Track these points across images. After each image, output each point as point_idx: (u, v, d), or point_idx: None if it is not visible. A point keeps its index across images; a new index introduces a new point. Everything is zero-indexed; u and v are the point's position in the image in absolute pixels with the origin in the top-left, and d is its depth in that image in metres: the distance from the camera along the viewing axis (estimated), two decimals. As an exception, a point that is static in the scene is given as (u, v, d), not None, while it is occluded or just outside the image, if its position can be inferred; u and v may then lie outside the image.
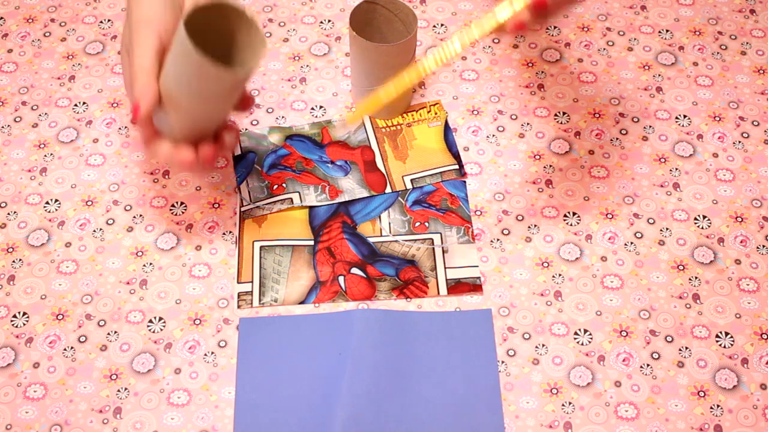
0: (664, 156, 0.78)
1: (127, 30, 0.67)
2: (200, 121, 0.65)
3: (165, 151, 0.66)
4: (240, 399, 0.66)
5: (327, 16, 0.88)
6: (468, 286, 0.71)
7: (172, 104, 0.63)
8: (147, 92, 0.62)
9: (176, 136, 0.65)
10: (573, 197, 0.76)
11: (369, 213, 0.75)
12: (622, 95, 0.82)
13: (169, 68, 0.62)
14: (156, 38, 0.64)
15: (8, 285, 0.71)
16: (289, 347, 0.69)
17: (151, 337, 0.69)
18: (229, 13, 0.63)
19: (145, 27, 0.64)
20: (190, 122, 0.64)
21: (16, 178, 0.77)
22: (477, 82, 0.83)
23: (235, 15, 0.63)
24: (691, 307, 0.71)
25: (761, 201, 0.76)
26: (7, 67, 0.84)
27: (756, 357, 0.68)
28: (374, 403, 0.65)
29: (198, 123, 0.65)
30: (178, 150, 0.65)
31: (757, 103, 0.82)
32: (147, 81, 0.63)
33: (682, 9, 0.89)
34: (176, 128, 0.65)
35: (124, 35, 0.68)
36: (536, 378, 0.67)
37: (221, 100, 0.64)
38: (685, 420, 0.66)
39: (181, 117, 0.64)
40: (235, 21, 0.64)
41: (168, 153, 0.65)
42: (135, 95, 0.63)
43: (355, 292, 0.71)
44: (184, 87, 0.62)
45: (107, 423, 0.65)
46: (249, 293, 0.71)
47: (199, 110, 0.63)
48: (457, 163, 0.78)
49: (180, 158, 0.65)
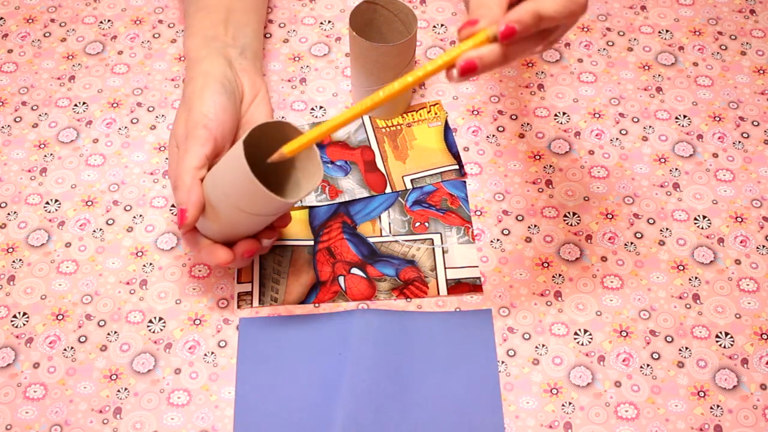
0: (664, 156, 0.78)
1: (182, 119, 0.67)
2: (239, 231, 0.65)
3: (201, 248, 0.66)
4: (240, 399, 0.66)
5: (327, 17, 0.88)
6: (468, 287, 0.71)
7: (213, 212, 0.63)
8: (194, 199, 0.63)
9: (213, 237, 0.66)
10: (573, 197, 0.76)
11: (369, 213, 0.75)
12: (622, 95, 0.82)
13: (218, 179, 0.62)
14: (212, 143, 0.64)
15: (8, 285, 0.71)
16: (289, 347, 0.69)
17: (151, 338, 0.69)
18: (289, 133, 0.62)
19: (203, 128, 0.64)
20: (229, 230, 0.65)
21: (16, 178, 0.77)
22: (477, 82, 0.83)
23: (295, 136, 0.62)
24: (691, 307, 0.71)
25: (761, 201, 0.76)
26: (7, 67, 0.84)
27: (756, 357, 0.68)
28: (374, 403, 0.65)
29: (236, 232, 0.65)
30: (215, 250, 0.65)
31: (757, 103, 0.82)
32: (193, 187, 0.63)
33: (682, 9, 0.89)
34: (214, 231, 0.65)
35: (177, 123, 0.67)
36: (536, 378, 0.67)
37: (265, 219, 0.64)
38: (685, 420, 0.66)
39: (222, 225, 0.64)
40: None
41: (204, 251, 0.66)
42: (180, 198, 0.63)
43: (355, 292, 0.71)
44: (230, 202, 0.62)
45: (107, 423, 0.65)
46: (249, 293, 0.71)
47: (241, 224, 0.63)
48: (457, 164, 0.78)
49: (216, 260, 0.65)
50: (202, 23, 0.73)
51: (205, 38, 0.72)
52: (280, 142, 0.61)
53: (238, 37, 0.73)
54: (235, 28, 0.73)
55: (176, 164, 0.65)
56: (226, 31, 0.72)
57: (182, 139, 0.66)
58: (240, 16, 0.74)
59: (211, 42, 0.71)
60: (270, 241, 0.68)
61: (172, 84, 0.83)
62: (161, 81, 0.83)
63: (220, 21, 0.73)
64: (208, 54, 0.70)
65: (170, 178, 0.66)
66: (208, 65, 0.69)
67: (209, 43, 0.71)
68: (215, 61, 0.69)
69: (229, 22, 0.73)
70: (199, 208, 0.63)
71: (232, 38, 0.72)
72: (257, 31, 0.76)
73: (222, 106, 0.66)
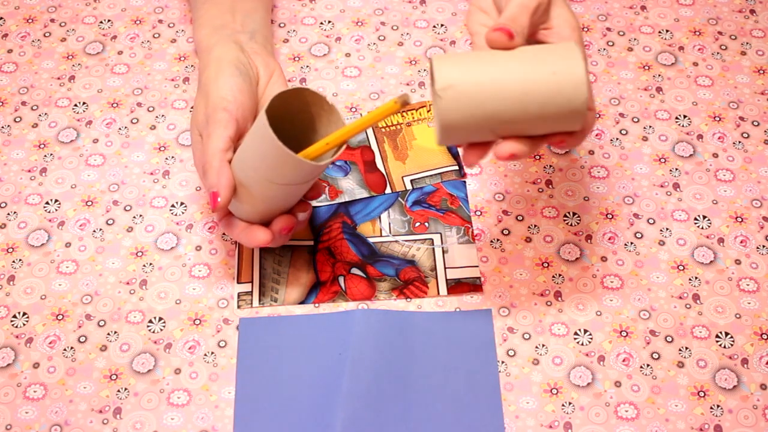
0: (664, 156, 0.78)
1: (201, 106, 0.67)
2: (273, 206, 0.65)
3: (238, 231, 0.66)
4: (240, 399, 0.66)
5: (327, 17, 0.88)
6: (468, 286, 0.71)
7: (245, 191, 0.63)
8: (225, 181, 0.63)
9: (248, 219, 0.66)
10: (573, 197, 0.76)
11: (369, 213, 0.75)
12: (622, 95, 0.82)
13: (246, 156, 0.62)
14: (234, 125, 0.64)
15: (8, 285, 0.71)
16: (289, 347, 0.69)
17: (151, 338, 0.69)
18: (310, 99, 0.62)
19: (223, 111, 0.64)
20: (263, 207, 0.65)
21: (16, 178, 0.77)
22: (477, 83, 0.83)
23: (316, 101, 0.62)
24: (691, 307, 0.71)
25: (761, 201, 0.76)
26: (7, 67, 0.84)
27: (756, 357, 0.68)
28: (374, 403, 0.65)
29: (270, 208, 0.65)
30: (252, 232, 0.65)
31: (757, 103, 0.82)
32: (223, 169, 0.63)
33: (682, 9, 0.89)
34: (248, 212, 0.65)
35: (197, 111, 0.67)
36: (536, 378, 0.67)
37: (297, 189, 0.64)
38: (685, 420, 0.66)
39: (255, 203, 0.64)
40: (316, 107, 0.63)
41: (242, 234, 0.66)
42: (210, 182, 0.63)
43: (355, 293, 0.71)
44: (261, 175, 0.61)
45: (107, 423, 0.65)
46: (249, 293, 0.71)
47: (274, 197, 0.63)
48: (456, 164, 0.78)
49: (255, 241, 0.65)
50: (209, 13, 0.73)
51: (214, 27, 0.72)
52: (300, 111, 0.61)
53: (247, 23, 0.73)
54: (243, 15, 0.74)
55: (202, 150, 0.65)
56: (234, 19, 0.73)
57: (204, 126, 0.66)
58: (246, 4, 0.75)
59: (221, 30, 0.72)
60: (305, 214, 0.68)
61: (172, 84, 0.83)
62: (161, 81, 0.83)
63: (227, 10, 0.74)
64: (219, 41, 0.70)
65: (197, 165, 0.67)
66: (220, 51, 0.69)
67: (218, 30, 0.72)
68: (226, 47, 0.69)
69: (236, 10, 0.74)
70: (231, 189, 0.63)
71: (241, 25, 0.73)
72: (265, 18, 0.76)
73: (239, 87, 0.66)
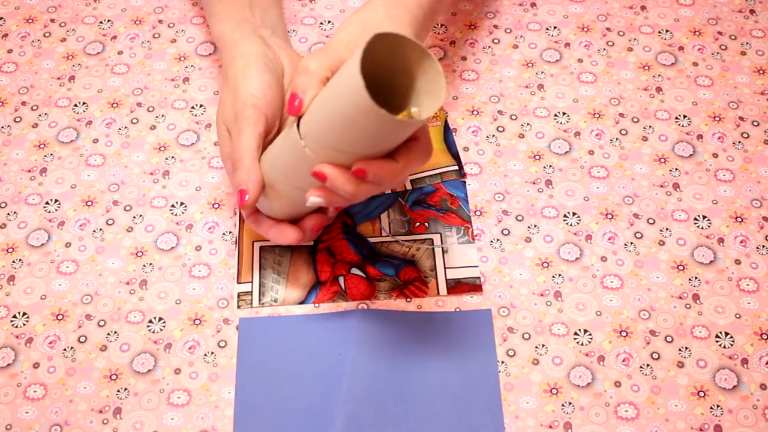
0: (664, 156, 0.78)
1: (228, 101, 0.66)
2: (301, 209, 0.65)
3: (266, 228, 0.66)
4: (240, 399, 0.66)
5: (327, 17, 0.88)
6: (468, 287, 0.71)
7: (273, 192, 0.63)
8: (254, 180, 0.63)
9: (275, 216, 0.66)
10: (573, 197, 0.76)
11: (369, 213, 0.75)
12: (622, 95, 0.82)
13: (275, 156, 0.62)
14: (263, 122, 0.64)
15: (8, 285, 0.71)
16: (289, 347, 0.69)
17: (151, 338, 0.69)
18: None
19: (253, 108, 0.64)
20: (290, 209, 0.65)
21: (16, 178, 0.77)
22: (477, 82, 0.83)
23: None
24: (691, 307, 0.71)
25: (761, 201, 0.76)
26: (7, 67, 0.84)
27: (756, 357, 0.68)
28: (374, 403, 0.65)
29: (298, 211, 0.65)
30: (282, 230, 0.66)
31: (757, 103, 0.82)
32: (253, 167, 0.63)
33: (682, 9, 0.89)
34: (276, 211, 0.65)
35: (224, 106, 0.67)
36: (536, 378, 0.67)
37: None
38: (685, 420, 0.66)
39: (283, 204, 0.64)
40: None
41: (270, 231, 0.66)
42: (240, 179, 0.63)
43: (355, 293, 0.71)
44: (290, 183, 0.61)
45: (107, 423, 0.65)
46: (249, 293, 0.71)
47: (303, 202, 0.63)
48: (456, 164, 0.78)
49: (287, 240, 0.66)
50: (228, 8, 0.73)
51: (236, 21, 0.72)
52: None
53: (266, 19, 0.74)
54: (261, 11, 0.74)
55: (232, 147, 0.65)
56: (254, 14, 0.73)
57: (232, 122, 0.66)
58: (262, 1, 0.75)
59: (243, 24, 0.71)
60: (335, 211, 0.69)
61: (172, 84, 0.83)
62: (161, 81, 0.83)
63: (246, 5, 0.73)
64: (243, 35, 0.70)
65: (224, 160, 0.67)
66: (246, 46, 0.69)
67: (241, 24, 0.71)
68: (252, 41, 0.69)
69: (254, 5, 0.74)
70: (260, 189, 0.63)
71: (261, 20, 0.73)
72: (280, 14, 0.77)
73: (268, 84, 0.66)
